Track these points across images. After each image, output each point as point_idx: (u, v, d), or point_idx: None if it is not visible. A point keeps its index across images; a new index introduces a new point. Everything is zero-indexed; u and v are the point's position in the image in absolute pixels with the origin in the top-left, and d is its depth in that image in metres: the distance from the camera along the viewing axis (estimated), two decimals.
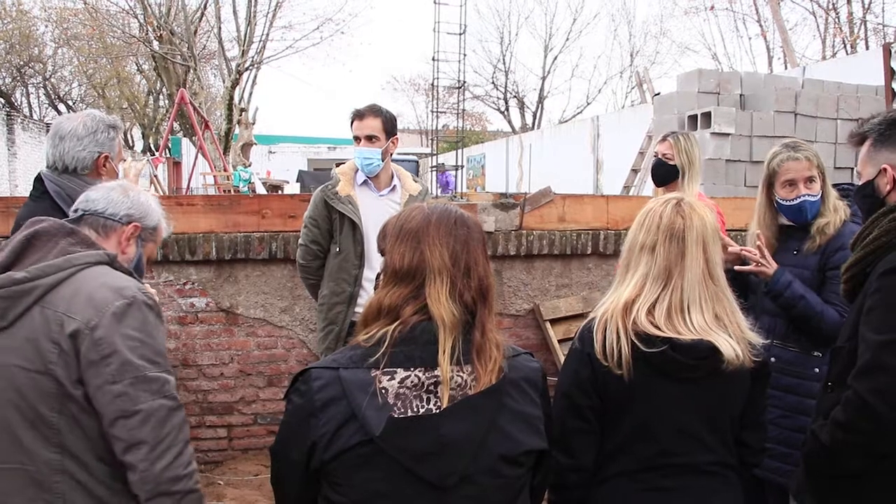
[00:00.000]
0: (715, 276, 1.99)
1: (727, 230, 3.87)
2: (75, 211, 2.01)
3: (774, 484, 2.82)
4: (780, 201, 2.95)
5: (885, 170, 2.10)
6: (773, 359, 2.81)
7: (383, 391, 1.59)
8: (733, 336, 1.93)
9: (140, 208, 2.07)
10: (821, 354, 2.79)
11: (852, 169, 8.70)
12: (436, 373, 1.60)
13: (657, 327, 1.92)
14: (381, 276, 1.74)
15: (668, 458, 1.95)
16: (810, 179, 2.89)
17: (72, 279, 1.78)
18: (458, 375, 1.61)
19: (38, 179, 2.66)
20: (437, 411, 1.59)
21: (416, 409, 1.59)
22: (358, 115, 3.69)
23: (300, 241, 3.85)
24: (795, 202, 2.90)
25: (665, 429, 1.94)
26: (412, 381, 1.60)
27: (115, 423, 1.72)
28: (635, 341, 1.91)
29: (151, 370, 1.76)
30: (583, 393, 1.97)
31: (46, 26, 28.44)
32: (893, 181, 2.09)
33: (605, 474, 2.00)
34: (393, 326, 1.62)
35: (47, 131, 2.64)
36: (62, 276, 1.78)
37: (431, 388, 1.60)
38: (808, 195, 2.88)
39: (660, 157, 3.81)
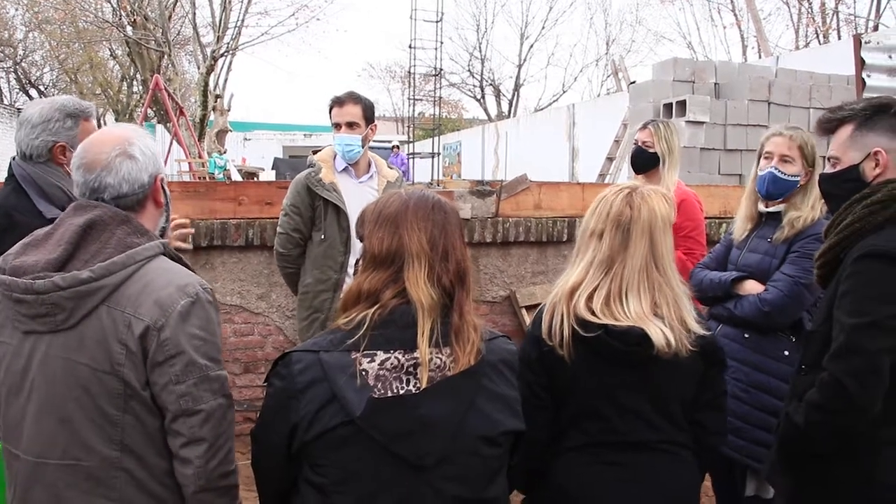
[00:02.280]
0: (661, 267, 2.04)
1: (705, 217, 3.93)
2: (102, 200, 1.82)
3: (727, 458, 2.86)
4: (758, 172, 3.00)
5: (876, 153, 2.09)
6: (746, 335, 2.90)
7: (363, 373, 1.61)
8: (669, 325, 1.98)
9: (151, 159, 1.90)
10: (794, 339, 2.85)
11: (823, 157, 8.80)
12: (415, 355, 1.63)
13: (594, 314, 1.98)
14: (361, 262, 1.77)
15: (616, 436, 2.02)
16: (785, 158, 2.91)
17: (135, 276, 1.74)
18: (436, 357, 1.64)
19: (10, 163, 2.65)
20: (417, 392, 1.62)
21: (395, 390, 1.62)
22: (338, 102, 3.68)
23: (279, 229, 3.81)
24: (762, 172, 2.94)
25: (609, 408, 2.01)
26: (392, 363, 1.62)
27: (177, 420, 1.73)
28: (575, 326, 1.98)
29: (213, 369, 1.76)
30: (532, 371, 2.04)
31: (17, 9, 27.92)
32: (885, 165, 2.08)
33: (560, 447, 2.07)
34: (372, 310, 1.65)
35: (17, 116, 2.60)
36: (127, 274, 1.73)
37: (411, 369, 1.63)
38: (776, 169, 2.90)
39: (640, 144, 3.82)
